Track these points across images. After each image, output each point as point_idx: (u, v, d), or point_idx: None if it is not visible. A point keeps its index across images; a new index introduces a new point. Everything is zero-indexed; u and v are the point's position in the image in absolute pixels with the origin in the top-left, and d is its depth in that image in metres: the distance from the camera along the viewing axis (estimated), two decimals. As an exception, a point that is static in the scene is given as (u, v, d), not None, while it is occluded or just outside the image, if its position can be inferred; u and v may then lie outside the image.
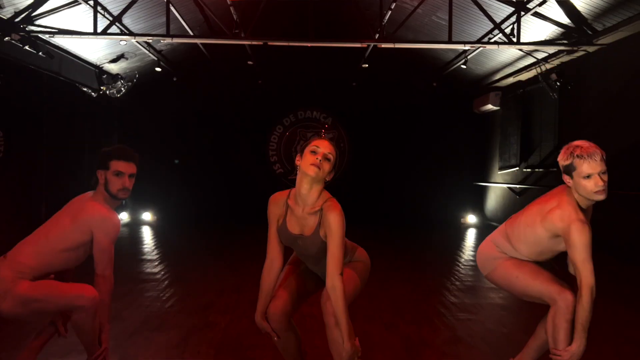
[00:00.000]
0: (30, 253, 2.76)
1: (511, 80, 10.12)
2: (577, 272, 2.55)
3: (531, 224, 2.74)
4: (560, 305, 2.60)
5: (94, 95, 9.73)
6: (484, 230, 10.65)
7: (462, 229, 11.03)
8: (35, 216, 8.11)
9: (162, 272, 6.15)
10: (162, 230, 10.37)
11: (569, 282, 2.70)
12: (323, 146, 2.55)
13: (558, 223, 2.61)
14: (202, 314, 4.41)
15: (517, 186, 10.15)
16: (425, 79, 11.27)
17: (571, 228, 2.55)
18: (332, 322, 2.52)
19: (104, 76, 9.63)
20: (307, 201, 2.59)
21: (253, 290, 5.14)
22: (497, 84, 10.76)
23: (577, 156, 2.58)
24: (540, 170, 9.21)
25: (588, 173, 2.56)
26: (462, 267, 6.83)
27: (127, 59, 9.58)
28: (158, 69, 9.87)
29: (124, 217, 11.08)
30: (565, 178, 2.67)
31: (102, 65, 9.56)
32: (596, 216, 2.84)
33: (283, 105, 12.21)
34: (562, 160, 2.66)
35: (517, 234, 2.82)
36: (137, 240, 9.17)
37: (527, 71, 9.15)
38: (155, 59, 9.63)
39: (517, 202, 10.18)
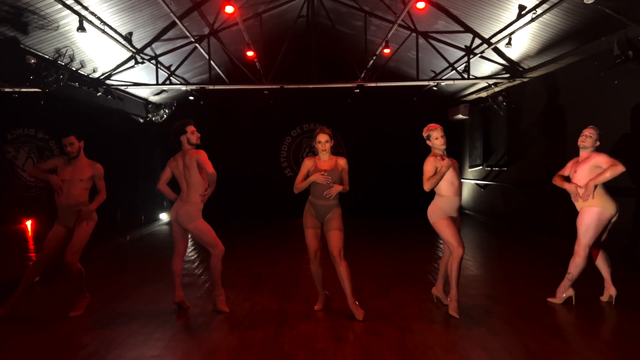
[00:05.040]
0: (192, 197, 5.20)
1: (474, 96, 12.56)
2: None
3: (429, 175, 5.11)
4: (455, 255, 5.05)
5: (142, 122, 12.21)
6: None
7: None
8: (112, 216, 10.66)
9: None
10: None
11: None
12: (322, 138, 4.92)
13: (428, 159, 5.06)
14: (255, 277, 6.92)
15: (481, 182, 12.62)
16: (407, 94, 13.69)
17: (426, 161, 5.06)
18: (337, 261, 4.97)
19: (150, 106, 12.10)
20: (325, 159, 5.00)
21: (286, 265, 7.68)
22: (465, 99, 13.20)
23: (431, 129, 5.14)
24: (496, 169, 11.67)
25: (437, 136, 5.11)
26: (437, 250, 9.29)
27: (167, 91, 12.04)
28: (191, 97, 12.34)
29: (164, 217, 13.56)
30: (427, 142, 5.18)
31: (148, 97, 12.02)
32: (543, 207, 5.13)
33: (291, 120, 14.75)
34: (425, 132, 5.19)
35: (437, 188, 5.16)
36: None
37: (484, 91, 11.61)
38: (189, 89, 12.08)
39: (482, 193, 12.64)
